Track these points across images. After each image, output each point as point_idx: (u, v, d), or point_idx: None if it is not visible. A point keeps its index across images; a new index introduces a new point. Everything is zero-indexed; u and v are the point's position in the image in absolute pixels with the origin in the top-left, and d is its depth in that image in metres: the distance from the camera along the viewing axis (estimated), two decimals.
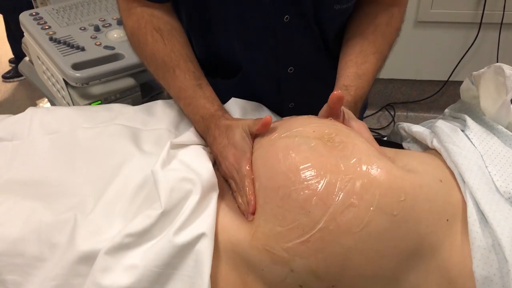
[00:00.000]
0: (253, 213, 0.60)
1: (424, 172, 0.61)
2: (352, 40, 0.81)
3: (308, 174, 0.57)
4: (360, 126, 0.66)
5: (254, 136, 0.68)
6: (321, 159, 0.58)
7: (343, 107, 0.68)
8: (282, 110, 0.83)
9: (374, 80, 0.78)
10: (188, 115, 0.76)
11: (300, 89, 0.89)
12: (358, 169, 0.57)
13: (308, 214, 0.55)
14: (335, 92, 0.64)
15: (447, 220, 0.57)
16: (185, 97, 0.75)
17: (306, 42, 0.82)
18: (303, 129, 0.64)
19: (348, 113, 0.68)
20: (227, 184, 0.68)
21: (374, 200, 0.55)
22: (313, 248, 0.55)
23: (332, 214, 0.54)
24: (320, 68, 0.89)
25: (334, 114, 0.67)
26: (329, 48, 0.88)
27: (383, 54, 0.79)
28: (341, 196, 0.55)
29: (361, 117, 0.79)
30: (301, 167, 0.58)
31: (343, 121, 0.68)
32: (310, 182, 0.56)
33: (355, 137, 0.63)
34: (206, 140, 0.73)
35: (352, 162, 0.58)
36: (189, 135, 0.72)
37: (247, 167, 0.63)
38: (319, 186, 0.56)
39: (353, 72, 0.76)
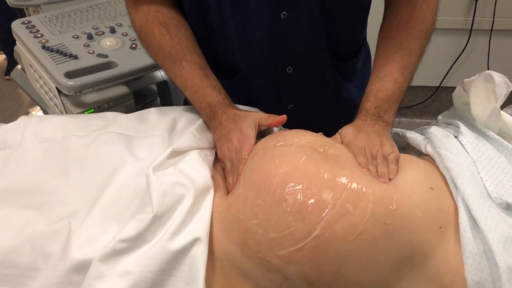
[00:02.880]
0: None
1: (414, 181, 0.62)
2: (378, 42, 0.80)
3: (305, 180, 0.57)
4: (349, 148, 0.67)
5: (259, 130, 0.72)
6: (318, 166, 0.59)
7: (343, 131, 0.70)
8: (282, 112, 0.82)
9: (408, 75, 0.75)
10: (194, 102, 0.78)
11: (299, 90, 0.89)
12: (352, 179, 0.58)
13: (304, 220, 0.55)
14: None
15: (440, 227, 0.57)
16: (191, 86, 0.77)
17: (306, 40, 0.81)
18: (298, 140, 0.65)
19: (345, 136, 0.69)
20: (219, 190, 0.68)
21: (368, 208, 0.55)
22: (307, 256, 0.55)
23: (328, 221, 0.55)
24: (320, 68, 0.88)
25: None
26: (334, 45, 0.86)
27: (409, 48, 0.75)
28: (337, 203, 0.55)
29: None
30: (299, 172, 0.58)
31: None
32: (307, 188, 0.56)
33: (347, 153, 0.65)
34: (210, 125, 0.75)
35: (346, 172, 0.59)
36: (188, 140, 0.72)
37: (246, 153, 0.66)
38: (316, 192, 0.56)
39: (375, 76, 0.76)
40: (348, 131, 0.69)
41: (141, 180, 0.65)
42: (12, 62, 2.72)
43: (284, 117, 0.71)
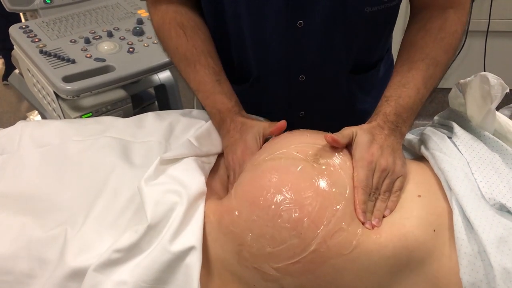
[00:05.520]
0: None
1: (403, 192, 0.62)
2: (401, 49, 0.77)
3: (300, 195, 0.57)
4: (357, 162, 0.62)
5: (264, 140, 0.72)
6: (311, 182, 0.59)
7: (358, 135, 0.65)
8: (293, 118, 0.79)
9: (430, 87, 0.72)
10: (205, 107, 0.79)
11: (311, 98, 0.88)
12: (347, 196, 0.59)
13: (300, 236, 0.55)
14: (327, 137, 0.63)
15: (434, 230, 0.57)
16: (204, 91, 0.77)
17: (321, 50, 0.79)
18: (286, 150, 0.64)
19: (358, 143, 0.64)
20: (214, 197, 0.68)
21: (360, 226, 0.57)
22: (304, 269, 0.55)
23: (323, 237, 0.55)
24: (335, 78, 0.86)
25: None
26: (353, 56, 0.83)
27: (436, 59, 0.71)
28: (332, 220, 0.56)
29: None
30: (293, 188, 0.58)
31: (351, 146, 0.66)
32: (302, 203, 0.56)
33: (337, 162, 0.62)
34: (220, 131, 0.76)
35: (340, 189, 0.59)
36: (180, 148, 0.72)
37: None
38: (311, 209, 0.56)
39: (396, 81, 0.72)
40: (363, 139, 0.64)
41: (137, 186, 0.65)
42: (9, 67, 2.72)
43: (283, 123, 0.71)
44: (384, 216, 0.60)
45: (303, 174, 0.59)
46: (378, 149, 0.63)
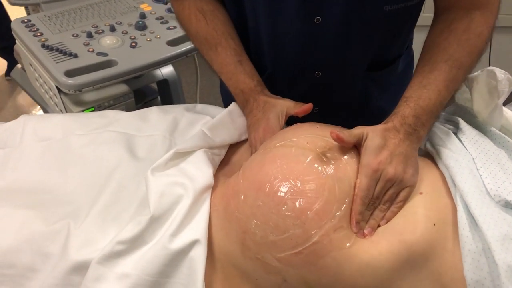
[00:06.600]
0: None
1: None
2: (424, 49, 0.74)
3: (307, 187, 0.57)
4: (362, 168, 0.60)
5: (287, 119, 0.73)
6: (320, 175, 0.58)
7: (368, 138, 0.62)
8: (307, 114, 0.77)
9: (452, 90, 0.69)
10: (229, 87, 0.80)
11: (326, 94, 0.88)
12: (351, 194, 0.59)
13: (303, 226, 0.55)
14: (332, 134, 0.61)
15: (434, 224, 0.57)
16: (226, 72, 0.79)
17: (338, 46, 0.78)
18: (297, 139, 0.64)
19: (367, 147, 0.61)
20: (220, 189, 0.67)
21: None
22: (306, 260, 0.55)
23: (326, 231, 0.55)
24: (352, 75, 0.85)
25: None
26: (371, 53, 0.82)
27: (459, 61, 0.68)
28: (336, 216, 0.56)
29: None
30: (301, 177, 0.58)
31: (360, 146, 0.63)
32: (308, 195, 0.56)
33: (345, 157, 0.62)
34: (244, 111, 0.78)
35: (346, 186, 0.59)
36: (193, 140, 0.71)
37: None
38: (317, 201, 0.56)
39: (417, 82, 0.68)
40: (373, 143, 0.61)
41: (141, 180, 0.65)
42: (12, 62, 2.73)
43: (310, 105, 0.72)
44: (378, 226, 0.59)
45: (312, 166, 0.59)
46: (387, 156, 0.60)
